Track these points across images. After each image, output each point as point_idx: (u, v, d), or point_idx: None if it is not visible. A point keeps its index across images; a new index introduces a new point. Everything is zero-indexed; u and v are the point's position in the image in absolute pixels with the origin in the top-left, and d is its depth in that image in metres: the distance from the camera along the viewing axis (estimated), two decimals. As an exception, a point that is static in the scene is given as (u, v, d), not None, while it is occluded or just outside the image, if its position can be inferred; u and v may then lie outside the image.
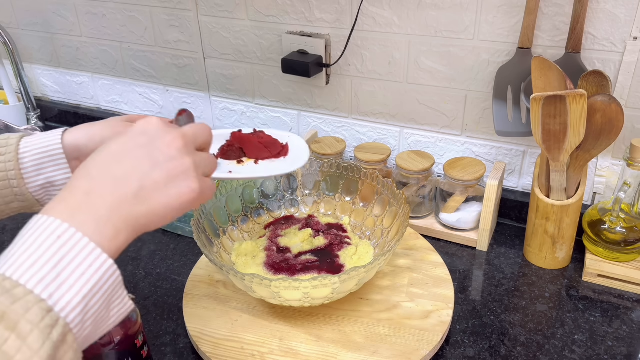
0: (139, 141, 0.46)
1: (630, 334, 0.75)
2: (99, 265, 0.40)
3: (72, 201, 0.42)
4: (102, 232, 0.41)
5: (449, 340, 0.74)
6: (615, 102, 0.73)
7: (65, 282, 0.38)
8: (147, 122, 0.48)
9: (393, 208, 0.82)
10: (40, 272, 0.38)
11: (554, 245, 0.85)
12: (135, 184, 0.44)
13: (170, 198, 0.45)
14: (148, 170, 0.44)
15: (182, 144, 0.47)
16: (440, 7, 0.91)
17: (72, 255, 0.39)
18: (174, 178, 0.45)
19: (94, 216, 0.42)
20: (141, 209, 0.44)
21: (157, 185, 0.44)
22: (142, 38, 1.23)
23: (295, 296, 0.68)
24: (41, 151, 0.59)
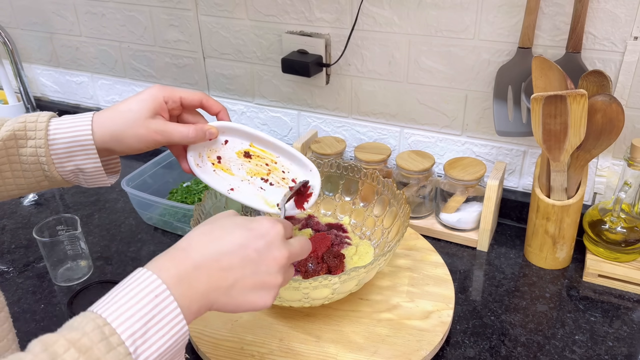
0: (256, 245, 0.51)
1: (631, 334, 0.74)
2: (177, 331, 0.44)
3: (180, 269, 0.47)
4: (191, 306, 0.46)
5: (449, 340, 0.74)
6: (615, 102, 0.73)
7: (149, 340, 0.43)
8: (272, 227, 0.52)
9: (393, 208, 0.82)
10: (134, 326, 0.42)
11: (554, 245, 0.85)
12: (232, 280, 0.49)
13: (247, 301, 0.50)
14: (247, 273, 0.50)
15: (284, 263, 0.52)
16: (441, 7, 0.91)
17: (160, 318, 0.44)
18: (260, 288, 0.51)
19: (191, 293, 0.46)
20: (224, 300, 0.49)
21: (246, 288, 0.50)
22: (142, 38, 1.23)
23: (295, 296, 0.68)
24: (71, 139, 0.62)
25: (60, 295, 0.85)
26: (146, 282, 0.44)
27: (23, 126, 0.61)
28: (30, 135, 0.61)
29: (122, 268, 0.90)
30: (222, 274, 0.49)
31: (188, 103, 0.66)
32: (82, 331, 0.41)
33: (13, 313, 0.81)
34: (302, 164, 0.71)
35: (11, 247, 0.97)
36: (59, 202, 1.12)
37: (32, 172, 0.63)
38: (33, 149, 0.61)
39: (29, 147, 0.61)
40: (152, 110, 0.63)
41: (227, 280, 0.49)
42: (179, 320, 0.44)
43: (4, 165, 0.62)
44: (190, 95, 0.66)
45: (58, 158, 0.62)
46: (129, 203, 1.09)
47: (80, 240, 0.87)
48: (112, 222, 1.03)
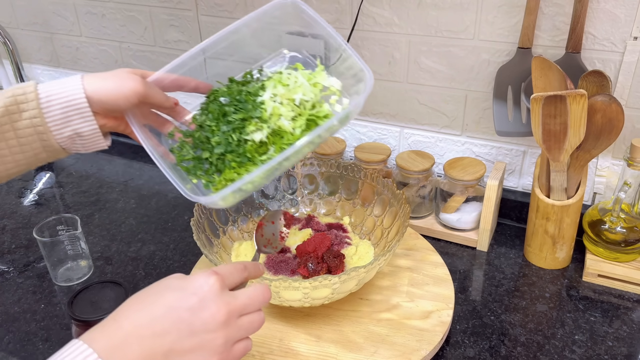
0: (187, 303, 0.48)
1: (631, 334, 0.75)
2: None
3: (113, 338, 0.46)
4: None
5: (449, 340, 0.74)
6: (615, 102, 0.73)
7: None
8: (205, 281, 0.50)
9: (393, 208, 0.82)
10: None
11: (554, 245, 0.85)
12: (167, 345, 0.46)
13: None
14: (183, 336, 0.47)
15: (224, 318, 0.49)
16: (441, 7, 0.91)
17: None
18: (201, 349, 0.48)
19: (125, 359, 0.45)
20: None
21: (184, 352, 0.47)
22: (142, 38, 1.23)
23: (295, 296, 0.68)
24: (66, 104, 0.61)
25: (61, 295, 0.85)
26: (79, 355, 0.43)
27: (13, 100, 0.60)
28: (23, 108, 0.60)
29: (122, 268, 0.90)
30: (155, 341, 0.46)
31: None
32: None
33: (13, 313, 0.81)
34: None
35: (11, 247, 0.97)
36: (59, 202, 1.12)
37: (29, 144, 0.62)
38: (28, 120, 0.60)
39: (23, 119, 0.61)
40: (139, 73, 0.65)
41: (163, 346, 0.46)
42: None
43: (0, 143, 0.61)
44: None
45: (55, 125, 0.61)
46: (129, 203, 1.09)
47: (81, 240, 0.87)
48: (112, 222, 1.04)
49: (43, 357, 0.74)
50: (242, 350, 0.51)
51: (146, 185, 1.16)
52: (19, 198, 1.13)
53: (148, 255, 0.94)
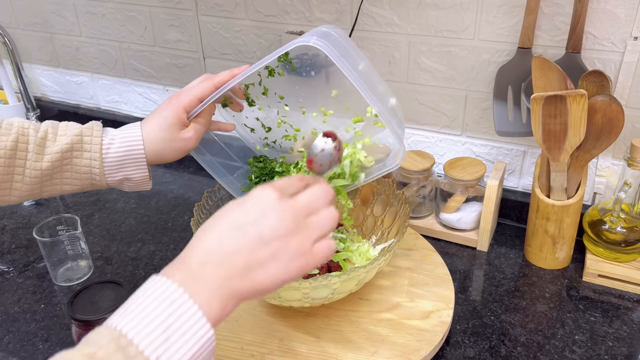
0: (252, 217, 0.47)
1: (631, 334, 0.74)
2: (202, 335, 0.42)
3: (189, 271, 0.45)
4: (211, 303, 0.44)
5: (449, 340, 0.74)
6: (615, 102, 0.73)
7: (172, 346, 0.41)
8: (261, 192, 0.48)
9: (393, 208, 0.82)
10: (152, 334, 0.41)
11: (554, 245, 0.85)
12: (243, 261, 0.46)
13: (272, 275, 0.46)
14: (255, 248, 0.46)
15: (290, 220, 0.47)
16: (441, 7, 0.91)
17: (181, 322, 0.42)
18: (278, 257, 0.46)
19: (206, 287, 0.44)
20: (246, 284, 0.46)
21: (262, 263, 0.46)
22: (142, 38, 1.23)
23: (295, 296, 0.68)
24: (124, 152, 0.68)
25: (61, 295, 0.85)
26: (161, 290, 0.43)
27: (79, 139, 0.66)
28: (86, 148, 0.67)
29: (122, 268, 0.90)
30: (229, 259, 0.45)
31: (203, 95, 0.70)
32: (98, 345, 0.40)
33: (13, 313, 0.81)
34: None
35: (11, 247, 0.97)
36: (59, 202, 1.12)
37: (81, 180, 0.68)
38: (88, 160, 0.67)
39: (84, 158, 0.67)
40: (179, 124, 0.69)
41: (238, 262, 0.45)
42: (200, 321, 0.42)
43: (57, 174, 0.67)
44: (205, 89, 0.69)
45: (109, 169, 0.68)
46: (129, 203, 1.09)
47: (81, 240, 0.87)
48: (112, 222, 1.04)
49: (43, 357, 0.74)
50: (324, 250, 0.49)
51: (146, 185, 1.16)
52: (18, 198, 1.13)
53: (148, 255, 0.94)
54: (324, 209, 0.50)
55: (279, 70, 0.73)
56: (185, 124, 0.69)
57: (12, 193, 0.66)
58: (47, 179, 0.66)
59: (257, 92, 0.76)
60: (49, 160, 0.65)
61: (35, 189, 0.67)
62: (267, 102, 0.77)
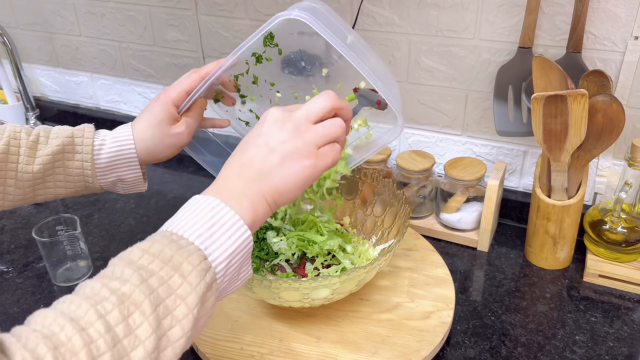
0: (259, 130, 0.54)
1: (631, 335, 0.74)
2: (241, 233, 0.48)
3: (219, 185, 0.52)
4: (241, 205, 0.50)
5: (450, 340, 0.74)
6: (616, 101, 0.73)
7: (217, 241, 0.47)
8: (268, 112, 0.55)
9: (393, 208, 0.82)
10: (198, 230, 0.47)
11: (554, 245, 0.85)
12: (257, 167, 0.52)
13: (285, 175, 0.52)
14: (265, 155, 0.52)
15: (291, 126, 0.53)
16: (441, 7, 0.91)
17: (222, 222, 0.48)
18: (286, 158, 0.52)
19: (232, 194, 0.50)
20: (266, 186, 0.52)
21: (273, 167, 0.52)
22: (141, 37, 1.23)
23: (295, 297, 0.68)
24: (115, 152, 0.68)
25: (60, 296, 0.84)
26: (200, 202, 0.49)
27: (71, 141, 0.66)
28: (78, 150, 0.67)
29: (121, 268, 0.90)
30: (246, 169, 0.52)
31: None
32: (152, 240, 0.46)
33: (12, 313, 0.81)
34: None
35: (11, 247, 0.97)
36: (59, 202, 1.12)
37: (74, 182, 0.68)
38: (79, 162, 0.67)
39: (75, 160, 0.67)
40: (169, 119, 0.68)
41: (253, 169, 0.52)
42: (238, 222, 0.48)
43: (49, 177, 0.67)
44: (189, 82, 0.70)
45: (101, 170, 0.68)
46: (128, 203, 1.09)
47: (80, 240, 0.87)
48: (111, 222, 1.03)
49: (42, 357, 0.73)
50: (329, 153, 0.54)
51: (146, 185, 1.16)
52: (18, 198, 1.12)
53: (147, 255, 0.93)
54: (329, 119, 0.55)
55: (267, 56, 0.72)
56: (176, 119, 0.69)
57: (5, 197, 0.66)
58: (40, 182, 0.66)
59: (247, 82, 0.75)
60: (40, 162, 0.65)
61: (27, 192, 0.67)
62: (258, 92, 0.76)
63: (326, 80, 0.74)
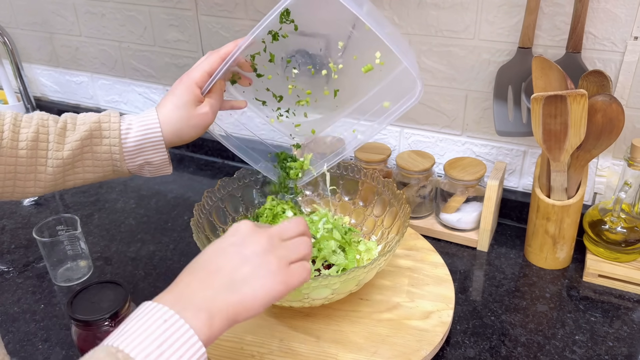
0: (231, 240, 0.53)
1: (631, 335, 0.74)
2: (194, 352, 0.45)
3: (176, 292, 0.49)
4: (198, 318, 0.47)
5: (450, 340, 0.74)
6: (615, 101, 0.73)
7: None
8: (240, 224, 0.55)
9: (393, 208, 0.82)
10: (147, 349, 0.43)
11: (554, 245, 0.85)
12: (227, 277, 0.50)
13: (256, 290, 0.50)
14: (238, 265, 0.51)
15: (266, 241, 0.53)
16: (441, 7, 0.91)
17: (174, 338, 0.45)
18: (259, 272, 0.51)
19: (190, 304, 0.48)
20: (233, 298, 0.49)
21: (245, 278, 0.50)
22: (142, 38, 1.23)
23: (295, 296, 0.68)
24: (141, 136, 0.68)
25: (60, 296, 0.85)
26: (152, 312, 0.46)
27: (98, 126, 0.67)
28: (105, 135, 0.67)
29: (122, 268, 0.90)
30: (213, 277, 0.50)
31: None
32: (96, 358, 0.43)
33: (13, 313, 0.81)
34: None
35: (11, 247, 0.97)
36: (59, 202, 1.12)
37: (102, 167, 0.69)
38: (107, 147, 0.67)
39: (103, 145, 0.67)
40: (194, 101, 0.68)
41: (222, 279, 0.50)
42: (192, 338, 0.45)
43: (78, 162, 0.67)
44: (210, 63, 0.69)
45: (129, 154, 0.68)
46: (128, 203, 1.09)
47: (80, 240, 0.87)
48: (112, 222, 1.03)
49: (43, 357, 0.73)
50: (301, 271, 0.54)
51: (146, 185, 1.16)
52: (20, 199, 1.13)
53: (148, 255, 0.93)
54: (299, 237, 0.56)
55: (283, 33, 0.71)
56: (200, 100, 0.69)
57: (36, 184, 0.67)
58: (70, 168, 0.67)
59: (264, 60, 0.75)
60: (70, 148, 0.66)
61: (58, 178, 0.67)
62: (275, 70, 0.76)
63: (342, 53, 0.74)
